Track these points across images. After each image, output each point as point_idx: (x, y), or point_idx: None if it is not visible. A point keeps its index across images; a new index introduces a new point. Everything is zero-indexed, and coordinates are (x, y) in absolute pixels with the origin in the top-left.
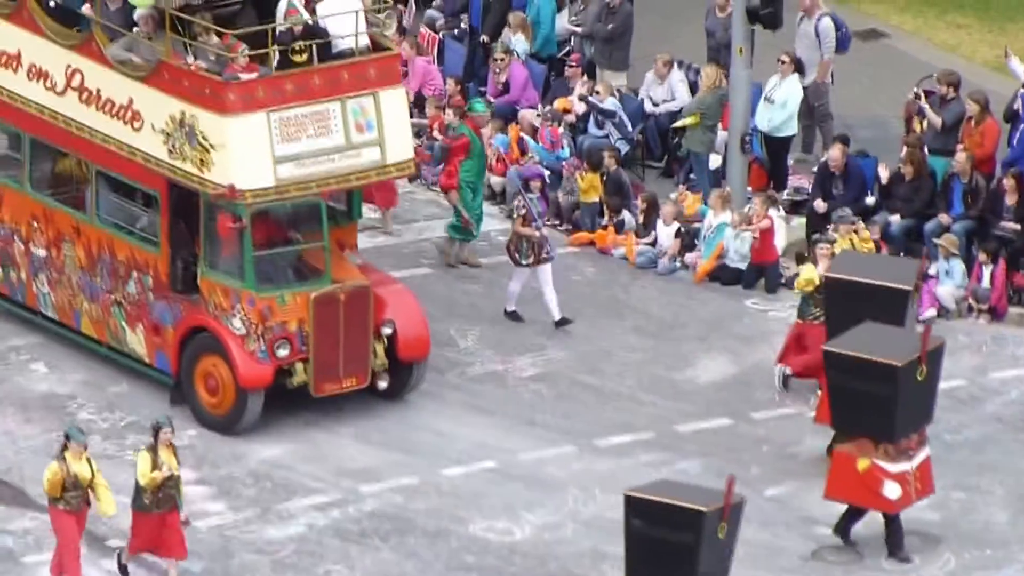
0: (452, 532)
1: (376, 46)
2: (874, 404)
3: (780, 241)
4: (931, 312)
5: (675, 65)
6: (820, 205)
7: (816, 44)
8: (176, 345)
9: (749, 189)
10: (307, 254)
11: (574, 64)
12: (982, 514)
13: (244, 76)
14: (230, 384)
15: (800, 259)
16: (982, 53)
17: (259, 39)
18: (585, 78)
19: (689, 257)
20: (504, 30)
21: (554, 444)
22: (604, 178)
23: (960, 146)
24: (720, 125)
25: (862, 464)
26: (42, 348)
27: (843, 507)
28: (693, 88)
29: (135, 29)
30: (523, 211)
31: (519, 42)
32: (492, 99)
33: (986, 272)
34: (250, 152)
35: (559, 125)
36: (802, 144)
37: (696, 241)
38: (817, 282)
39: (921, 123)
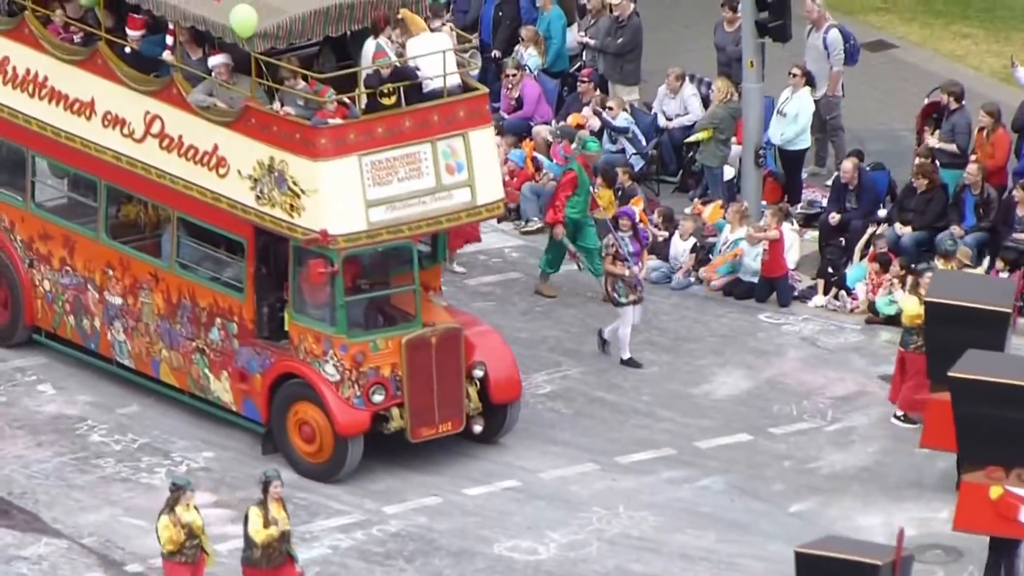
0: (477, 552)
1: (464, 86)
2: (1007, 429)
3: (794, 254)
4: None
5: (687, 79)
6: (834, 218)
7: (825, 56)
8: (266, 392)
9: (764, 203)
10: (396, 297)
11: (586, 79)
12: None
13: (334, 121)
14: (328, 432)
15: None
16: (989, 63)
17: (344, 81)
18: (598, 93)
19: (704, 271)
20: (516, 45)
21: (575, 462)
22: (619, 194)
23: (972, 157)
24: (734, 139)
25: (995, 492)
26: (48, 369)
27: (854, 521)
28: (706, 102)
29: (213, 76)
30: (613, 250)
31: (531, 57)
32: (505, 115)
33: None
34: (342, 197)
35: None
36: (815, 157)
37: (711, 256)
38: (923, 314)
39: (933, 133)
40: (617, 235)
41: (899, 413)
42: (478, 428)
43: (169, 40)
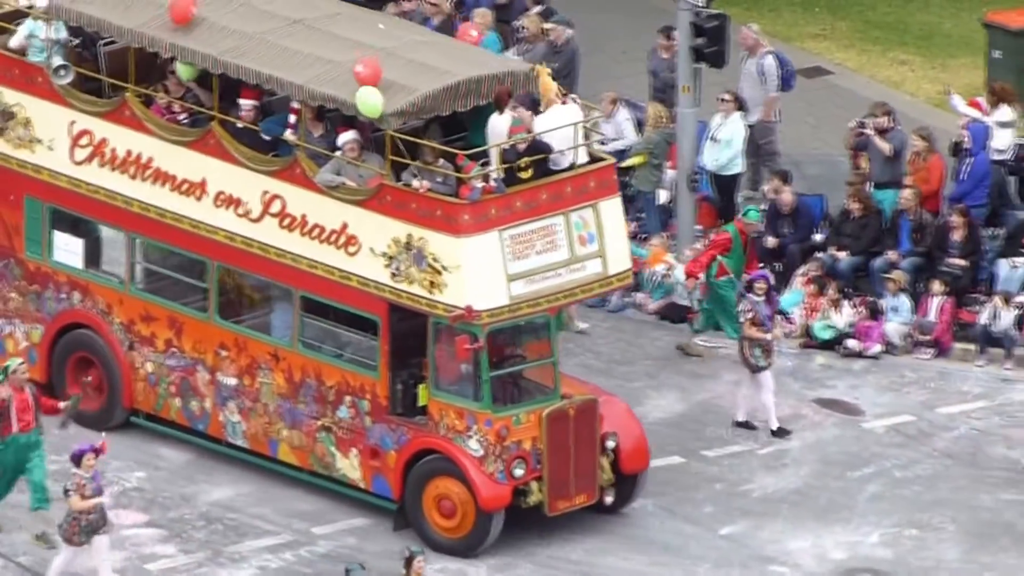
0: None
1: (591, 157)
2: None
3: None
4: (877, 348)
5: (622, 104)
6: (771, 242)
7: (760, 82)
8: (400, 469)
9: (699, 227)
10: (531, 370)
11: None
12: (933, 551)
13: (477, 195)
14: (469, 506)
15: None
16: (925, 89)
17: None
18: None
19: (639, 296)
20: None
21: None
22: None
23: (907, 181)
24: (668, 163)
25: None
26: None
27: (784, 544)
28: (640, 127)
29: (338, 153)
30: (750, 315)
31: None
32: None
33: (934, 305)
34: (485, 272)
35: None
36: (750, 182)
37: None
38: None
39: (867, 159)
40: (753, 299)
41: None
42: (610, 499)
43: (292, 119)
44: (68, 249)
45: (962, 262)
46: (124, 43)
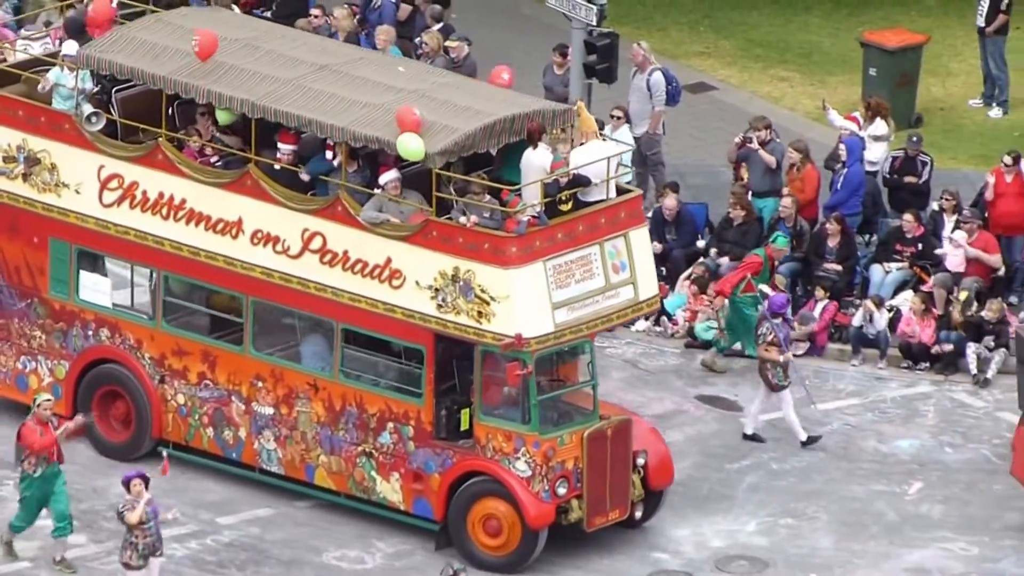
0: (307, 562)
1: (619, 188)
2: None
3: None
4: None
5: None
6: (656, 247)
7: (648, 97)
8: (444, 491)
9: None
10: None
11: None
12: (808, 539)
13: (527, 229)
14: (516, 526)
15: None
16: (804, 105)
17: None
18: None
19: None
20: None
21: None
22: None
23: (785, 191)
24: None
25: None
26: None
27: (666, 533)
28: None
29: (378, 191)
30: (771, 336)
31: None
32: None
33: (818, 309)
34: (531, 301)
35: None
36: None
37: None
38: None
39: (748, 169)
40: (772, 322)
41: None
42: (639, 514)
43: (329, 155)
44: (95, 288)
45: (837, 267)
46: (157, 89)
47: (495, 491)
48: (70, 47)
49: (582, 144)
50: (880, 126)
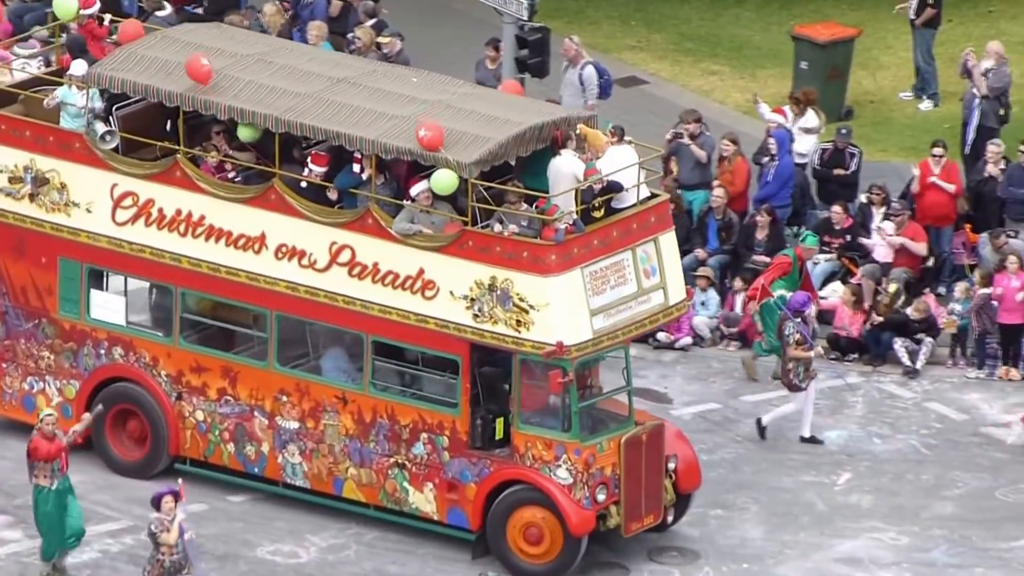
0: (240, 556)
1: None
2: None
3: None
4: (686, 340)
5: None
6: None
7: (580, 91)
8: (481, 501)
9: None
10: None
11: None
12: (738, 530)
13: (565, 236)
14: (558, 533)
15: None
16: (734, 98)
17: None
18: None
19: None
20: None
21: None
22: None
23: (715, 183)
24: None
25: None
26: None
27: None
28: None
29: (408, 203)
30: (797, 335)
31: None
32: None
33: (739, 300)
34: (571, 309)
35: None
36: None
37: None
38: None
39: (678, 162)
40: (796, 321)
41: None
42: (671, 518)
43: (356, 168)
44: (107, 307)
45: (766, 259)
46: (156, 106)
47: (535, 499)
48: (79, 67)
49: (598, 157)
50: (811, 118)
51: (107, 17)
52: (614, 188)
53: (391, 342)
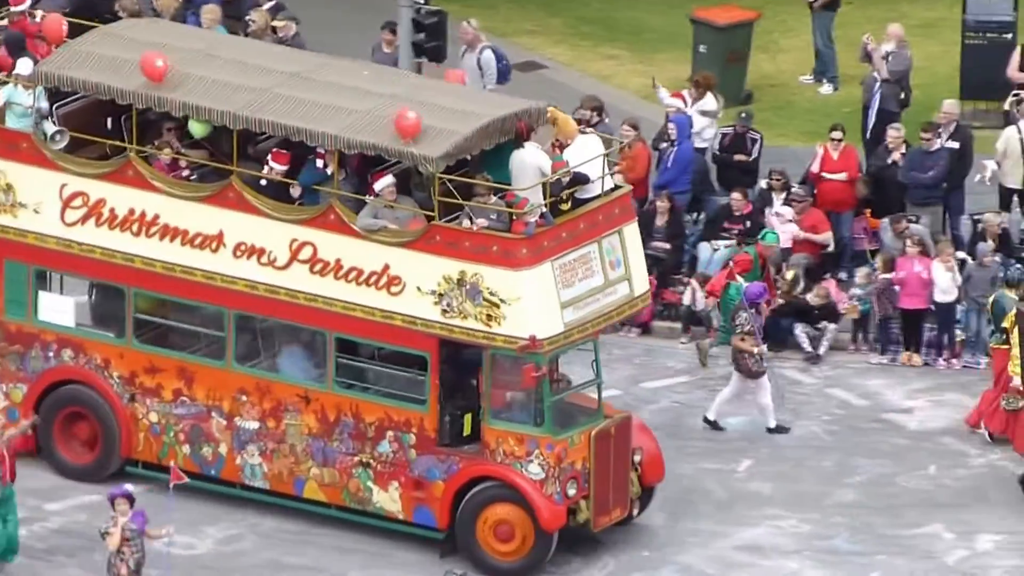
0: None
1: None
2: None
3: None
4: None
5: None
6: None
7: (479, 76)
8: (449, 498)
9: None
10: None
11: None
12: (639, 518)
13: (535, 229)
14: (530, 530)
15: None
16: (633, 83)
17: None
18: None
19: None
20: None
21: None
22: None
23: (615, 169)
24: None
25: None
26: None
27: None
28: None
29: (370, 198)
30: (747, 326)
31: None
32: None
33: None
34: (542, 302)
35: None
36: None
37: None
38: None
39: None
40: (750, 312)
41: None
42: (636, 511)
43: (319, 163)
44: (56, 308)
45: (666, 245)
46: (99, 103)
47: (506, 496)
48: (24, 65)
49: (568, 144)
50: (709, 101)
51: (39, 14)
52: (580, 179)
53: (356, 339)
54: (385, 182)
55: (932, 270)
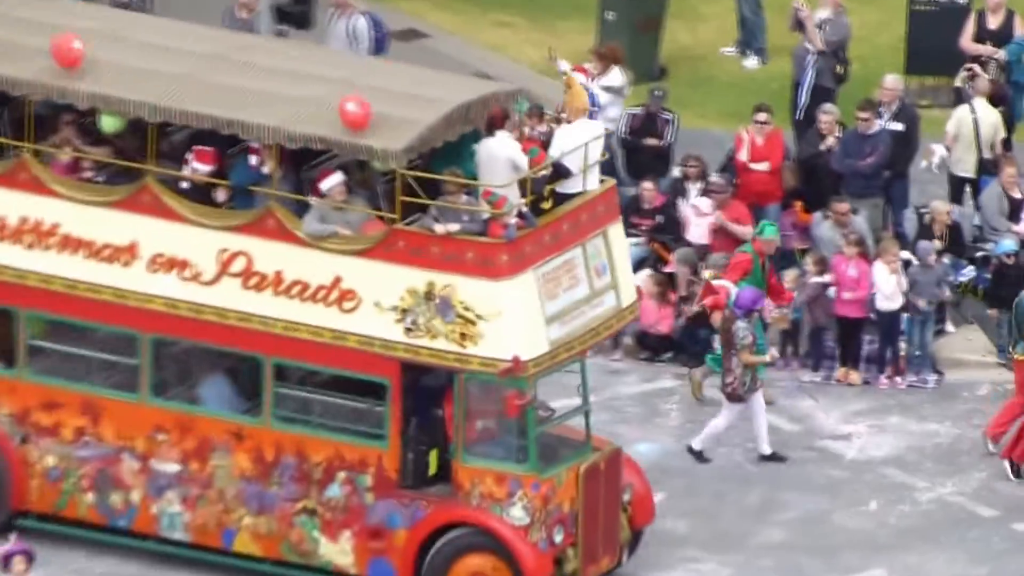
0: None
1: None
2: None
3: None
4: None
5: None
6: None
7: (351, 45)
8: (414, 548)
9: None
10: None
11: None
12: None
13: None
14: None
15: None
16: (529, 54)
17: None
18: None
19: None
20: None
21: None
22: None
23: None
24: None
25: None
26: None
27: None
28: None
29: (315, 200)
30: (749, 339)
31: None
32: None
33: None
34: (525, 317)
35: None
36: None
37: None
38: None
39: None
40: (747, 322)
41: None
42: (626, 559)
43: (253, 160)
44: None
45: None
46: (21, 95)
47: (482, 544)
48: None
49: (568, 123)
50: (614, 76)
51: None
52: (563, 173)
53: (299, 364)
54: (333, 180)
55: (873, 273)
